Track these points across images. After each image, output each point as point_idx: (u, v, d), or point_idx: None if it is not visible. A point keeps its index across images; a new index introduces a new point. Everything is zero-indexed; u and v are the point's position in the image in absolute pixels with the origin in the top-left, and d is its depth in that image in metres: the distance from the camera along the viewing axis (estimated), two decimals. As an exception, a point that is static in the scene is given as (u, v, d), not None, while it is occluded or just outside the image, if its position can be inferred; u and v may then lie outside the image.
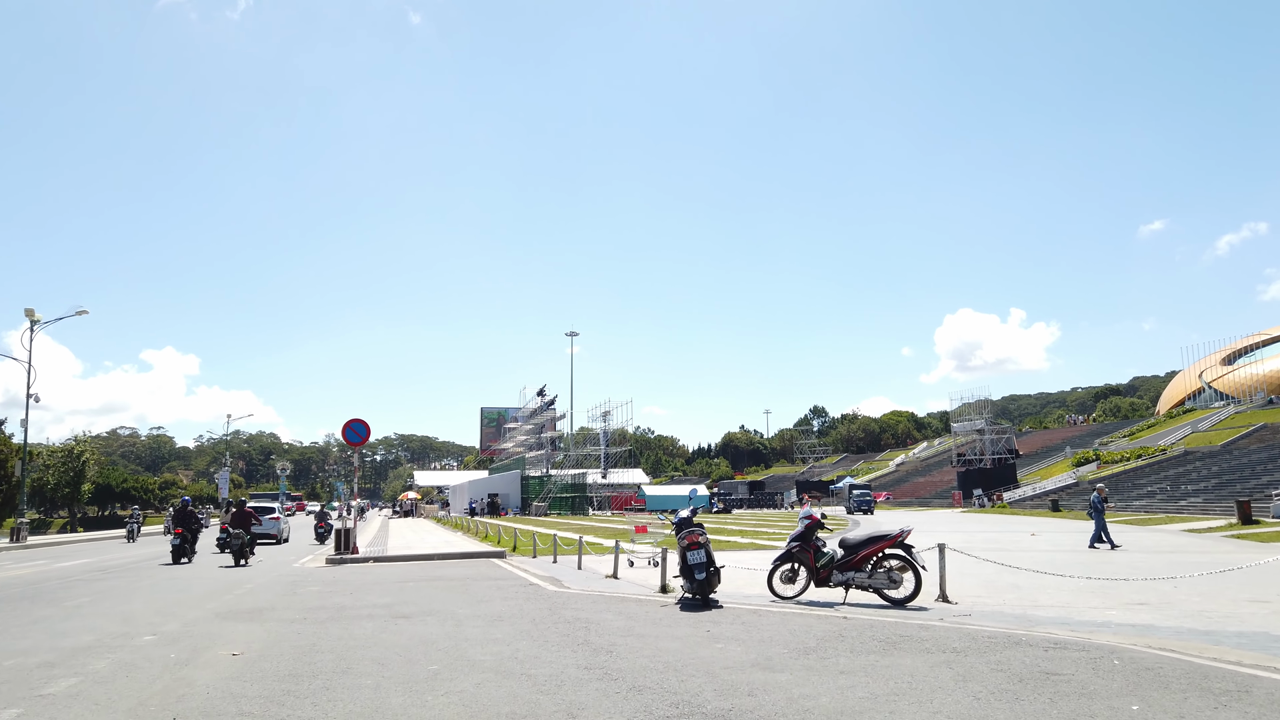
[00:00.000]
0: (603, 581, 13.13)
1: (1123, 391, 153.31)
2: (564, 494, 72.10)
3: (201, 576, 16.32)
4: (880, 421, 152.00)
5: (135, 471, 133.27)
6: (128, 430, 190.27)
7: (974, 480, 70.88)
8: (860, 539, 10.14)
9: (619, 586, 12.50)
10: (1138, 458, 61.75)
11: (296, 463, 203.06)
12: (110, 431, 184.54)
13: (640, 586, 12.40)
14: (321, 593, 12.46)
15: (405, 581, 13.78)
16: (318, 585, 13.64)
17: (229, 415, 78.92)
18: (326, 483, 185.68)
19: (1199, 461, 54.34)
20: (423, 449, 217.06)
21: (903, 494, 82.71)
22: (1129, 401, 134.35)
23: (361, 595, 11.84)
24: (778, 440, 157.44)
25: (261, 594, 12.48)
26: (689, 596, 10.01)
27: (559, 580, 13.48)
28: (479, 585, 12.92)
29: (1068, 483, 61.19)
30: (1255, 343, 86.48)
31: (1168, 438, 67.57)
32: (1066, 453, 75.07)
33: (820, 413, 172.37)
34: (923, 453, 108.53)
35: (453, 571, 15.52)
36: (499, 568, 16.40)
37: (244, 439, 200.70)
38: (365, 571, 16.14)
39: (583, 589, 12.10)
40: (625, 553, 14.67)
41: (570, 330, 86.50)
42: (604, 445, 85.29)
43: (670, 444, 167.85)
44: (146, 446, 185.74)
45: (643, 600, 10.60)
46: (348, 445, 19.62)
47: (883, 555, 9.87)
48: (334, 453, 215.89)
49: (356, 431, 19.56)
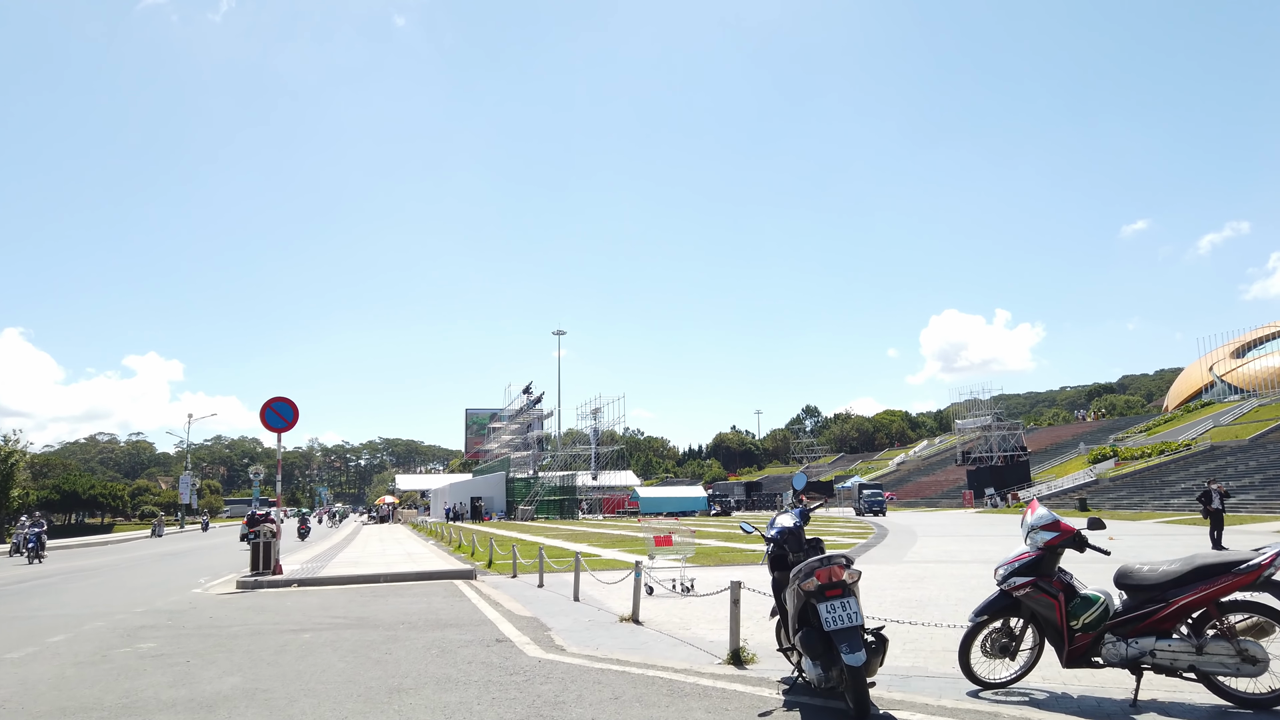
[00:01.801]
0: (616, 632, 8.45)
1: (1114, 390, 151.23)
2: (552, 497, 67.79)
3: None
4: (874, 421, 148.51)
5: (113, 478, 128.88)
6: (106, 436, 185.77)
7: (985, 479, 67.14)
8: (1171, 574, 5.06)
9: (646, 643, 7.80)
10: (1160, 454, 58.16)
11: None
12: (89, 438, 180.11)
13: (682, 644, 7.71)
14: (130, 665, 7.45)
15: (303, 630, 9.23)
16: (162, 637, 8.99)
17: (190, 415, 73.94)
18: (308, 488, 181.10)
19: (1230, 456, 50.77)
20: (408, 453, 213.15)
21: (906, 494, 78.82)
22: (1124, 399, 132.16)
23: (196, 668, 7.13)
24: (770, 440, 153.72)
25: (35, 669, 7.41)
26: (808, 683, 5.48)
27: (545, 627, 8.99)
28: (412, 644, 8.17)
29: (1087, 480, 57.51)
30: (1265, 335, 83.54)
31: (1187, 433, 64.09)
32: (1080, 449, 71.43)
33: (813, 412, 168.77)
34: (924, 451, 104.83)
35: (391, 607, 11.02)
36: (461, 599, 11.87)
37: (225, 444, 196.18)
38: (267, 606, 11.78)
39: (586, 652, 7.48)
40: (645, 565, 9.84)
41: (557, 329, 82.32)
42: (594, 444, 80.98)
43: (660, 445, 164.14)
44: (125, 453, 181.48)
45: (707, 690, 5.81)
46: (270, 430, 15.31)
47: (1217, 605, 4.99)
48: (318, 458, 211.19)
49: (280, 414, 15.30)
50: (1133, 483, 53.00)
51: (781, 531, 5.92)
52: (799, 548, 5.77)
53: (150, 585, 16.27)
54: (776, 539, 5.92)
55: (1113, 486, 53.32)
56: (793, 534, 5.84)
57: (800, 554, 5.72)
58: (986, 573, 14.24)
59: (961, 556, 18.04)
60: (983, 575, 13.82)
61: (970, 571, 14.60)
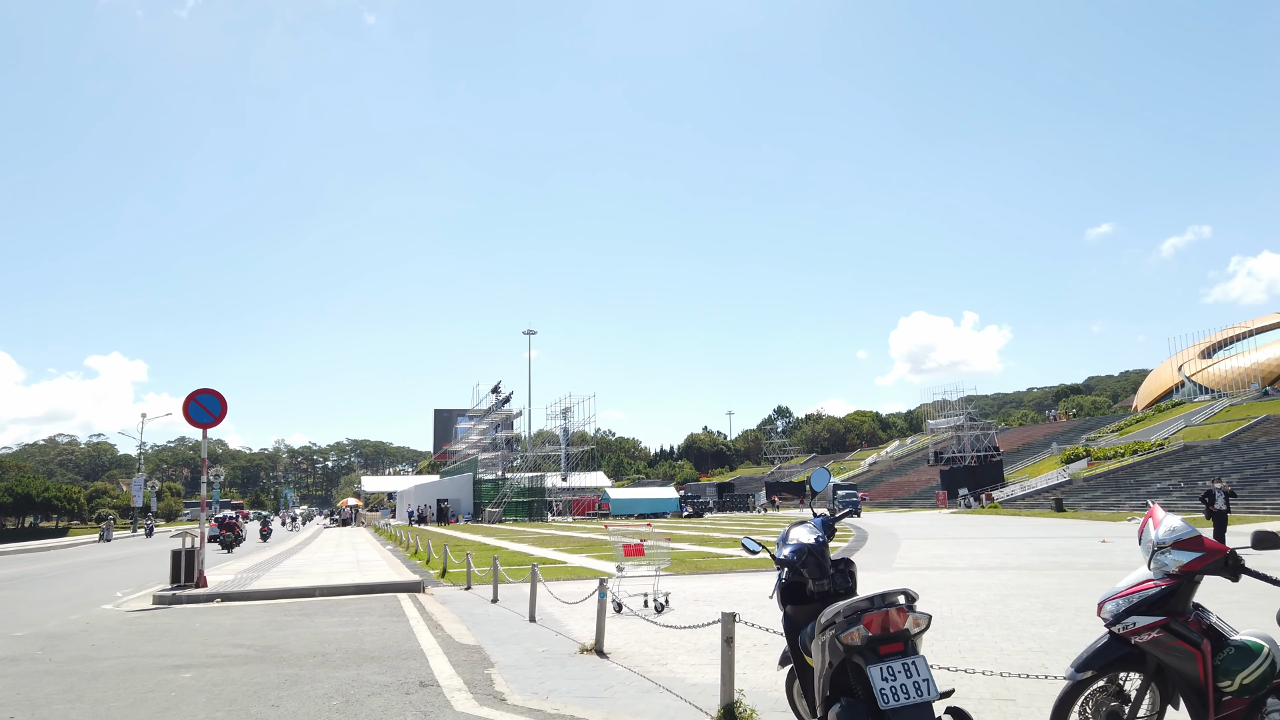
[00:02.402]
0: (574, 669, 6.86)
1: (1081, 390, 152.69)
2: (520, 498, 66.04)
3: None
4: (845, 421, 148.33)
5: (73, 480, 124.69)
6: (66, 438, 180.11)
7: (958, 479, 66.58)
8: None
9: (611, 687, 6.20)
10: (1133, 453, 57.90)
11: (245, 470, 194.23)
12: (49, 439, 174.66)
13: (657, 688, 6.14)
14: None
15: (189, 666, 7.55)
16: (8, 676, 7.25)
17: (144, 415, 70.95)
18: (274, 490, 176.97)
19: (1204, 456, 50.51)
20: (377, 455, 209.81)
21: (879, 494, 78.14)
22: (1090, 400, 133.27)
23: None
24: (742, 441, 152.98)
25: None
26: None
27: (488, 661, 7.38)
28: (314, 688, 6.54)
29: (1060, 480, 57.05)
30: (1232, 336, 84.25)
31: (1159, 432, 64.00)
32: (1053, 449, 71.23)
33: (785, 413, 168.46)
34: (896, 451, 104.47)
35: (312, 632, 9.31)
36: (398, 619, 10.18)
37: (189, 445, 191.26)
38: (169, 628, 10.05)
39: (532, 704, 5.84)
40: (613, 578, 8.19)
41: (528, 329, 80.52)
42: (564, 445, 79.22)
43: (632, 446, 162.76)
44: (86, 455, 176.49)
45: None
46: (194, 426, 13.60)
47: None
48: (284, 459, 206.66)
49: (205, 408, 13.56)
50: (1107, 482, 52.57)
51: (798, 551, 4.22)
52: (822, 573, 4.16)
53: (61, 599, 14.46)
54: (791, 561, 4.23)
55: (1087, 486, 52.85)
56: (814, 554, 4.19)
57: (824, 581, 4.14)
58: (991, 583, 12.97)
59: (954, 563, 16.80)
60: (989, 586, 12.54)
61: (971, 581, 13.32)
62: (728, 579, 14.25)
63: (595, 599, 7.15)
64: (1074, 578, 13.47)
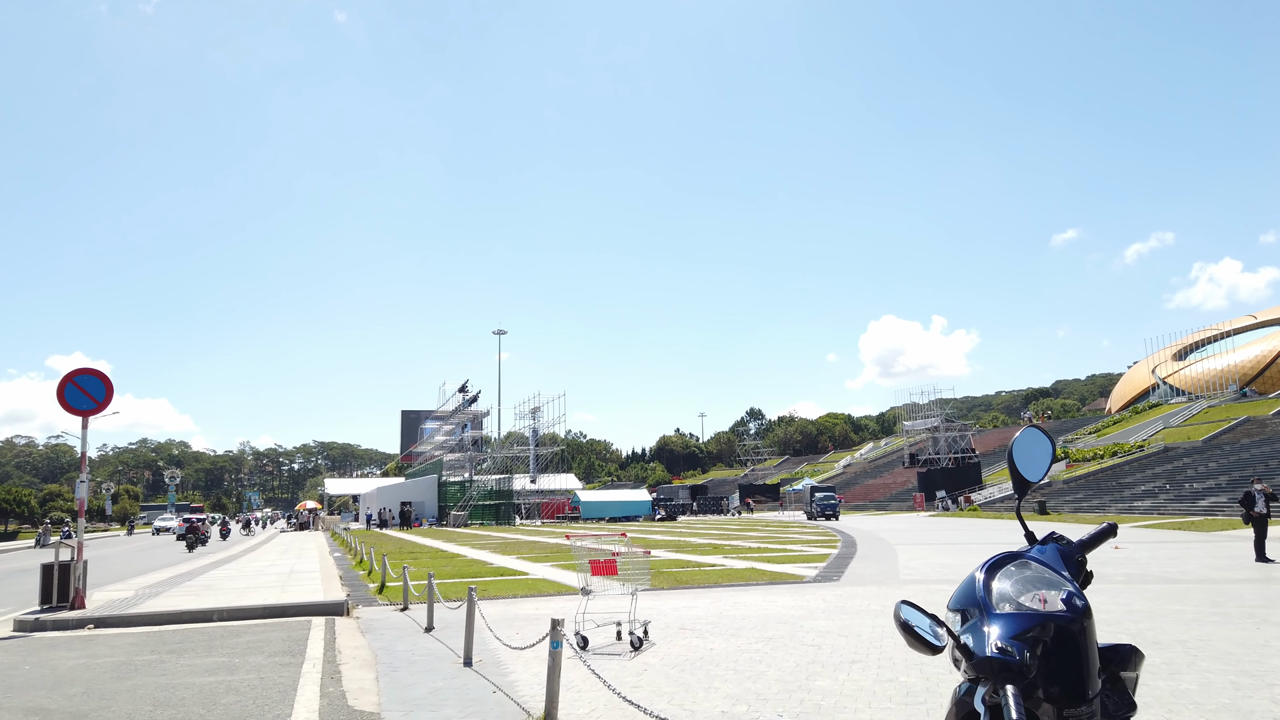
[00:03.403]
0: None
1: (1049, 393, 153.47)
2: (487, 501, 63.54)
3: None
4: (817, 424, 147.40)
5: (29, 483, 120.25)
6: (24, 439, 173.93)
7: (936, 481, 65.33)
8: None
9: None
10: (1113, 455, 56.96)
11: (208, 472, 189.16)
12: (5, 440, 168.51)
13: None
14: None
15: None
16: None
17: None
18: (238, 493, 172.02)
19: (1186, 458, 49.51)
20: (344, 457, 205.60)
21: (854, 497, 76.66)
22: (1059, 403, 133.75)
23: None
24: (714, 443, 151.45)
25: None
26: None
27: None
28: None
29: (1040, 482, 55.89)
30: (1205, 338, 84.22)
31: (1138, 434, 63.24)
32: (1030, 451, 70.22)
33: (757, 415, 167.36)
34: (870, 453, 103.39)
35: (164, 683, 6.77)
36: (290, 662, 7.76)
37: (151, 447, 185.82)
38: None
39: None
40: (577, 600, 5.86)
41: (498, 329, 78.01)
42: (533, 446, 76.76)
43: (603, 448, 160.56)
44: (44, 456, 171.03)
45: None
46: (72, 413, 11.23)
47: None
48: (249, 461, 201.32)
49: (86, 390, 11.23)
50: (1088, 485, 51.44)
51: (1021, 644, 1.85)
52: (1080, 689, 1.88)
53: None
54: (1002, 664, 1.82)
55: (1067, 489, 51.67)
56: (1064, 643, 1.90)
57: (1085, 708, 1.86)
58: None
59: (964, 574, 14.86)
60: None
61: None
62: (715, 596, 12.17)
63: (548, 644, 5.00)
64: (1129, 592, 11.53)
